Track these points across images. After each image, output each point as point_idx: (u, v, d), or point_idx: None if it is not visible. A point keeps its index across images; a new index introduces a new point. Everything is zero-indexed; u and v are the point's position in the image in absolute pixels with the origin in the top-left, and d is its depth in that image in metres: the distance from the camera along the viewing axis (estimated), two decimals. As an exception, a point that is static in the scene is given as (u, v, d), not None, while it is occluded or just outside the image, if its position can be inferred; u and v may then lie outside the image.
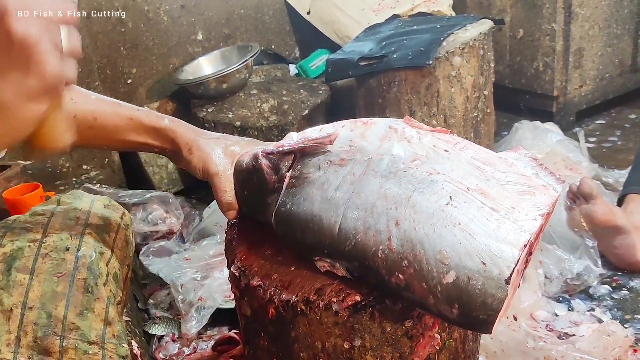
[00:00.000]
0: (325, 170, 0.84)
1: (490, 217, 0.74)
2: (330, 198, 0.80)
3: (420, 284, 0.72)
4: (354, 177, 0.81)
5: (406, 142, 0.84)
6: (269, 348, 0.89)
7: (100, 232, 0.97)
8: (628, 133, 2.47)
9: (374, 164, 0.81)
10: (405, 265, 0.73)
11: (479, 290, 0.69)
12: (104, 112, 0.91)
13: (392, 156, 0.82)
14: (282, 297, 0.82)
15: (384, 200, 0.77)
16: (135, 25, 2.27)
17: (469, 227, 0.72)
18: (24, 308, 0.83)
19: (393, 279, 0.74)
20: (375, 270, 0.75)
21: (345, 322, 0.80)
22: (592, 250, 1.58)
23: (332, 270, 0.81)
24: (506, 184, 0.79)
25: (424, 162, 0.81)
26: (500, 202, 0.76)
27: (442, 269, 0.71)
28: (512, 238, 0.71)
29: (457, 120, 1.84)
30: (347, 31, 2.42)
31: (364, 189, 0.79)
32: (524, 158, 0.86)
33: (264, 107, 2.13)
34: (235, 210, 0.93)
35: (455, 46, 1.78)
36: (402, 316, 0.80)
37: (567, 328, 1.40)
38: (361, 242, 0.76)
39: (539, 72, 2.50)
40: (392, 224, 0.75)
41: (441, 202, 0.75)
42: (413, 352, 0.83)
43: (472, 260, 0.70)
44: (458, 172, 0.79)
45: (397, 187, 0.77)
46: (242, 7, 2.53)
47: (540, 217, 0.74)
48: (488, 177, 0.79)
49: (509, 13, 2.54)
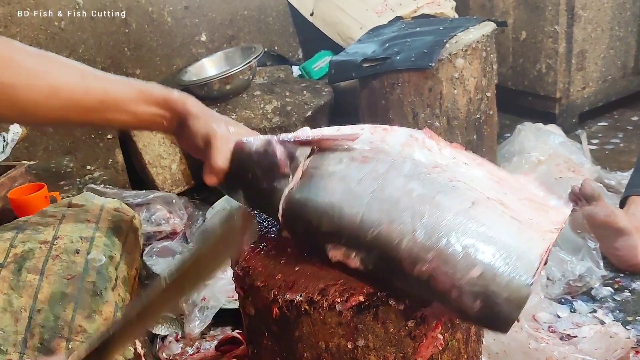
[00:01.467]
0: (347, 165, 0.84)
1: (512, 224, 0.76)
2: (352, 190, 0.81)
3: (444, 275, 0.72)
4: (377, 173, 0.82)
5: (427, 150, 0.86)
6: (272, 348, 0.89)
7: (110, 236, 0.98)
8: (630, 135, 2.47)
9: (397, 165, 0.82)
10: (431, 257, 0.73)
11: (504, 287, 0.70)
12: (115, 86, 0.92)
13: (414, 160, 0.83)
14: (286, 297, 0.82)
15: (409, 197, 0.78)
16: (139, 26, 2.28)
17: (493, 230, 0.74)
18: (32, 311, 0.84)
19: (416, 270, 0.74)
20: (397, 261, 0.75)
21: (348, 322, 0.80)
22: (594, 252, 1.58)
23: (345, 261, 0.81)
24: (522, 200, 0.81)
25: (445, 170, 0.82)
26: (519, 213, 0.78)
27: (469, 262, 0.72)
28: (534, 244, 0.74)
29: (459, 122, 1.84)
30: (350, 33, 2.43)
31: (388, 186, 0.80)
32: (533, 182, 0.89)
33: (267, 108, 2.14)
34: (217, 178, 0.93)
35: (458, 48, 1.78)
36: (405, 317, 0.81)
37: (569, 329, 1.40)
38: (385, 232, 0.76)
39: (541, 74, 2.51)
40: (417, 218, 0.75)
41: (464, 205, 0.77)
42: (416, 353, 0.84)
43: (497, 259, 0.72)
44: (478, 183, 0.81)
45: (422, 188, 0.79)
46: (246, 9, 2.53)
47: (556, 230, 0.77)
48: (505, 192, 0.82)
49: (512, 15, 2.54)
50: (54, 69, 0.89)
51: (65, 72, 0.90)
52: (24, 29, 1.93)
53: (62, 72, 0.90)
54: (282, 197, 0.85)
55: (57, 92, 0.86)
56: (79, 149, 2.11)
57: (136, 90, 0.93)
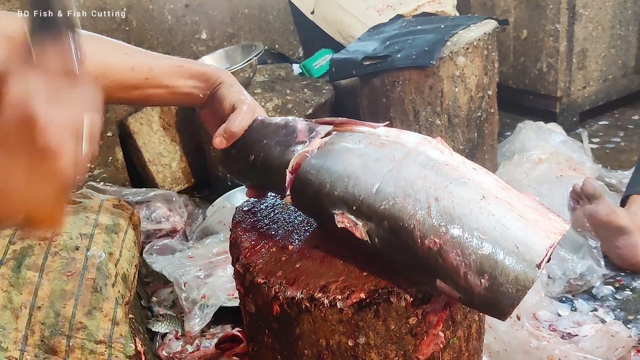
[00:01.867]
0: (366, 145, 0.87)
1: (519, 220, 0.78)
2: (369, 166, 0.83)
3: (454, 250, 0.74)
4: (394, 157, 0.83)
5: (439, 151, 0.88)
6: (273, 345, 0.89)
7: (110, 232, 0.98)
8: (631, 134, 2.47)
9: (412, 156, 0.84)
10: (443, 231, 0.74)
11: (512, 267, 0.72)
12: (158, 61, 0.95)
13: (428, 156, 0.85)
14: (286, 294, 0.82)
15: (424, 181, 0.79)
16: (139, 24, 2.27)
17: (502, 220, 0.76)
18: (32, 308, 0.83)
19: (427, 242, 0.75)
20: (408, 232, 0.76)
21: (349, 319, 0.80)
22: (595, 251, 1.58)
23: (350, 229, 0.80)
24: (527, 206, 0.83)
25: (455, 169, 0.84)
26: (525, 214, 0.80)
27: (480, 240, 0.74)
28: (540, 239, 0.76)
29: (460, 120, 1.84)
30: (351, 31, 2.42)
31: (404, 169, 0.81)
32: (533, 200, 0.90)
33: (268, 106, 2.14)
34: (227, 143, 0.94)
35: (459, 46, 1.78)
36: (406, 314, 0.81)
37: (570, 328, 1.40)
38: (400, 204, 0.77)
39: (542, 72, 2.51)
40: (431, 199, 0.77)
41: (475, 197, 0.79)
42: (417, 350, 0.84)
43: (507, 243, 0.74)
44: (486, 185, 0.83)
45: (436, 176, 0.81)
46: (247, 7, 2.53)
47: (560, 234, 0.78)
48: (512, 197, 0.83)
49: (513, 14, 2.54)
50: (99, 48, 0.90)
51: (111, 50, 0.92)
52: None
53: (108, 51, 0.91)
54: (295, 156, 0.87)
55: (105, 72, 0.88)
56: (79, 146, 2.11)
57: (177, 65, 0.95)
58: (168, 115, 2.31)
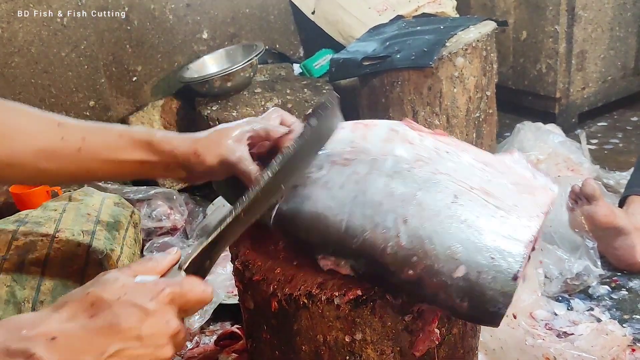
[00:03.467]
0: (328, 170, 0.85)
1: (495, 214, 0.76)
2: (335, 196, 0.81)
3: (430, 279, 0.74)
4: (359, 176, 0.82)
5: (408, 144, 0.86)
6: (271, 341, 0.90)
7: (111, 229, 0.99)
8: (630, 135, 2.48)
9: (378, 164, 0.83)
10: (415, 260, 0.74)
11: (488, 284, 0.71)
12: (92, 130, 0.82)
13: (396, 157, 0.84)
14: (285, 291, 0.83)
15: (390, 198, 0.78)
16: (141, 23, 2.29)
17: (475, 224, 0.75)
18: (35, 302, 0.85)
19: (403, 275, 0.75)
20: (384, 267, 0.76)
21: (346, 315, 0.81)
22: (592, 251, 1.59)
23: (336, 269, 0.82)
24: (507, 184, 0.81)
25: (427, 163, 0.83)
26: (503, 200, 0.78)
27: (453, 263, 0.73)
28: (519, 234, 0.74)
29: (459, 121, 1.85)
30: (351, 31, 2.43)
31: (370, 188, 0.80)
32: (519, 160, 0.89)
33: (268, 105, 2.15)
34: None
35: (458, 47, 1.79)
36: (402, 311, 0.82)
37: (566, 327, 1.41)
38: (369, 239, 0.77)
39: (541, 73, 2.52)
40: (399, 221, 0.76)
41: (447, 200, 0.77)
42: (413, 347, 0.85)
43: (481, 255, 0.72)
44: (461, 173, 0.81)
45: (403, 186, 0.79)
46: (247, 7, 2.54)
47: (542, 214, 0.77)
48: (489, 178, 0.82)
49: (513, 15, 2.55)
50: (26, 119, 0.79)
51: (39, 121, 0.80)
52: (27, 25, 1.94)
53: (36, 121, 0.80)
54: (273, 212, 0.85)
55: (31, 139, 0.77)
56: (81, 144, 2.12)
57: (115, 135, 0.82)
58: (169, 114, 2.33)
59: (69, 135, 0.79)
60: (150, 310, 0.56)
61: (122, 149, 0.82)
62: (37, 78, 1.99)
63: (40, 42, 1.97)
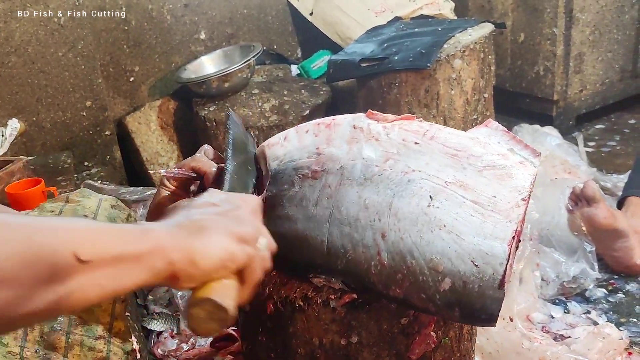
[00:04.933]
0: (300, 185, 0.82)
1: (474, 212, 0.74)
2: (311, 216, 0.80)
3: (418, 294, 0.74)
4: (331, 189, 0.80)
5: (374, 141, 0.82)
6: (267, 344, 0.90)
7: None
8: (627, 138, 2.48)
9: (348, 172, 0.80)
10: (400, 278, 0.74)
11: (476, 294, 0.71)
12: None
13: (364, 160, 0.81)
14: (280, 294, 0.83)
15: (366, 211, 0.77)
16: (138, 23, 2.28)
17: (454, 228, 0.73)
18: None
19: (391, 293, 0.75)
20: (370, 286, 0.77)
21: (342, 318, 0.81)
22: (590, 255, 1.59)
23: (329, 285, 0.82)
24: (483, 170, 0.77)
25: (397, 161, 0.79)
26: (481, 193, 0.75)
27: (437, 277, 0.72)
28: (500, 231, 0.72)
29: (456, 122, 1.85)
30: (349, 32, 2.43)
31: (343, 202, 0.78)
32: (496, 132, 0.85)
33: (265, 106, 2.14)
34: None
35: (456, 49, 1.79)
36: (398, 314, 0.82)
37: (562, 330, 1.41)
38: (352, 259, 0.77)
39: (539, 76, 2.52)
40: (378, 237, 0.75)
41: (422, 204, 0.75)
42: (409, 350, 0.85)
43: (464, 264, 0.71)
44: (433, 165, 0.78)
45: (376, 195, 0.77)
46: (245, 7, 2.54)
47: (523, 202, 0.75)
48: (464, 165, 0.78)
49: (511, 17, 2.55)
50: None
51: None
52: (24, 24, 1.93)
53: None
54: None
55: None
56: (77, 145, 2.11)
57: None
58: (166, 114, 2.32)
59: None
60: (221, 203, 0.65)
61: None
62: (34, 78, 1.99)
63: (37, 42, 1.97)
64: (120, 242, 0.52)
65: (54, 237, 0.48)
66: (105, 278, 0.50)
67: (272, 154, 0.88)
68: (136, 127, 2.26)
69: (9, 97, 1.95)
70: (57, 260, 0.47)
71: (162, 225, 0.58)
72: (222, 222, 0.60)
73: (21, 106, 1.98)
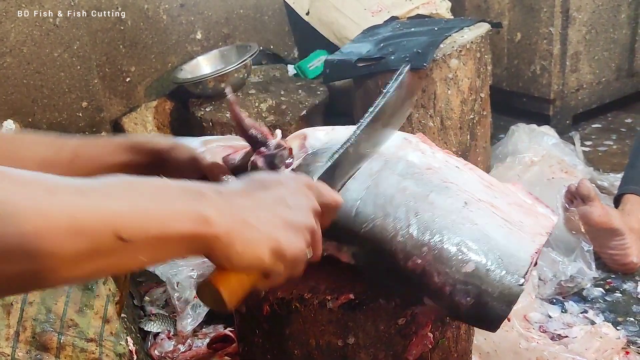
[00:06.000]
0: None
1: (503, 225, 0.78)
2: (346, 184, 0.82)
3: (437, 270, 0.74)
4: (372, 171, 0.83)
5: (420, 152, 0.88)
6: (263, 345, 0.90)
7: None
8: (624, 137, 2.48)
9: (391, 165, 0.84)
10: (425, 251, 0.74)
11: (497, 282, 0.72)
12: (82, 144, 0.89)
13: (408, 162, 0.85)
14: (277, 295, 0.82)
15: (403, 194, 0.79)
16: (134, 23, 2.27)
17: (485, 229, 0.76)
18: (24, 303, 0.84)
19: (410, 264, 0.75)
20: (390, 255, 0.76)
21: (339, 319, 0.81)
22: (587, 254, 1.59)
23: (336, 255, 0.81)
24: (512, 204, 0.84)
25: (437, 172, 0.84)
26: (510, 215, 0.80)
27: (463, 257, 0.73)
28: (525, 245, 0.76)
29: (453, 122, 1.85)
30: (346, 32, 2.43)
31: (383, 182, 0.81)
32: (522, 190, 0.91)
33: (262, 107, 2.14)
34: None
35: (452, 48, 1.79)
36: (395, 314, 0.81)
37: (560, 330, 1.41)
38: (379, 225, 0.77)
39: (536, 75, 2.52)
40: (411, 214, 0.77)
41: (457, 204, 0.78)
42: (406, 351, 0.84)
43: (491, 256, 0.74)
44: (469, 186, 0.83)
45: (415, 186, 0.80)
46: (242, 7, 2.53)
47: (546, 234, 0.79)
48: (496, 195, 0.84)
49: (507, 16, 2.55)
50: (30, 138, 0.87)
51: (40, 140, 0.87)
52: (19, 25, 1.92)
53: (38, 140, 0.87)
54: None
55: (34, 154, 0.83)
56: (73, 145, 2.11)
57: (101, 146, 0.90)
58: (162, 115, 2.31)
59: (62, 150, 0.87)
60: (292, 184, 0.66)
61: (108, 155, 0.88)
62: (29, 78, 1.98)
63: (33, 43, 1.96)
64: (164, 222, 0.54)
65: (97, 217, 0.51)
66: (146, 254, 0.53)
67: (314, 136, 0.92)
68: (132, 128, 2.26)
69: (4, 98, 1.95)
70: (99, 238, 0.50)
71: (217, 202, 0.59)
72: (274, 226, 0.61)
73: (17, 107, 1.97)
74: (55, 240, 0.48)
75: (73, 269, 0.50)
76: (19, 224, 0.48)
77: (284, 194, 0.64)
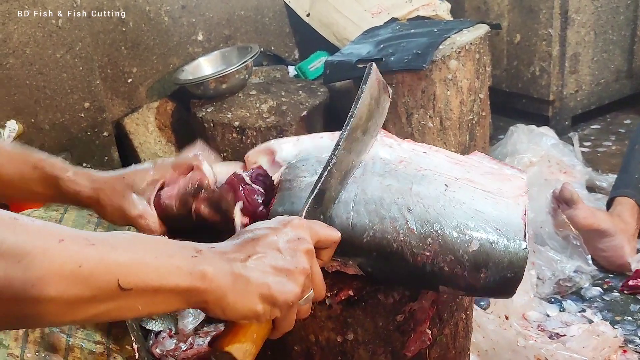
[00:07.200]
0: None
1: (487, 196, 0.82)
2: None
3: (447, 256, 0.76)
4: (355, 177, 0.84)
5: (388, 147, 0.91)
6: (264, 341, 0.90)
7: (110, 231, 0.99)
8: (623, 138, 2.49)
9: (369, 166, 0.86)
10: (430, 242, 0.77)
11: (503, 252, 0.76)
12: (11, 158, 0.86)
13: (382, 159, 0.87)
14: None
15: (389, 192, 0.81)
16: (136, 25, 2.29)
17: (473, 205, 0.80)
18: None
19: (419, 258, 0.77)
20: (398, 255, 0.77)
21: (338, 315, 0.82)
22: (580, 249, 1.60)
23: (343, 270, 0.82)
24: (485, 174, 0.88)
25: (410, 163, 0.87)
26: (488, 186, 0.84)
27: (465, 238, 0.76)
28: (512, 210, 0.80)
29: (452, 123, 1.86)
30: (346, 33, 2.44)
31: (368, 186, 0.82)
32: (484, 157, 0.96)
33: (263, 107, 2.15)
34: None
35: (451, 50, 1.80)
36: (394, 311, 0.83)
37: (558, 328, 1.43)
38: (379, 230, 0.78)
39: (535, 76, 2.53)
40: (404, 210, 0.79)
41: (440, 189, 0.81)
42: (405, 347, 0.86)
43: (490, 228, 0.77)
44: (442, 168, 0.87)
45: (397, 182, 0.83)
46: (243, 9, 2.55)
47: (525, 193, 0.84)
48: (468, 170, 0.88)
49: (507, 18, 2.56)
50: None
51: None
52: (22, 26, 1.93)
53: None
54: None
55: None
56: (75, 146, 2.12)
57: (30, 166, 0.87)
58: (164, 116, 2.33)
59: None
60: (283, 230, 0.67)
61: (33, 182, 0.86)
62: (32, 79, 1.99)
63: (35, 44, 1.97)
64: (162, 275, 0.57)
65: (99, 266, 0.54)
66: (143, 304, 0.56)
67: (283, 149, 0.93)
68: (134, 129, 2.27)
69: (7, 99, 1.96)
70: (100, 285, 0.53)
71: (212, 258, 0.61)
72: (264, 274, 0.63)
73: (19, 107, 1.99)
74: (58, 286, 0.51)
75: (71, 313, 0.53)
76: (26, 269, 0.50)
77: (275, 241, 0.66)
